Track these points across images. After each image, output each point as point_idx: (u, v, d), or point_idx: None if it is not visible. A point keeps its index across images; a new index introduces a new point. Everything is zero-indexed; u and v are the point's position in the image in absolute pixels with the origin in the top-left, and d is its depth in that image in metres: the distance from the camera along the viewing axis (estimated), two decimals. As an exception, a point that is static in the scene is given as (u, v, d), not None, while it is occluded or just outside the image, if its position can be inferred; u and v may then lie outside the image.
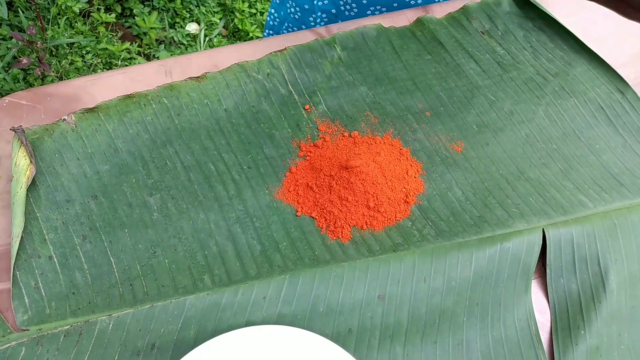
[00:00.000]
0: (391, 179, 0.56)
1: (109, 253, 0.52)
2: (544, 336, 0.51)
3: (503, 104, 0.65)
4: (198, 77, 0.62)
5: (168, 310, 0.48)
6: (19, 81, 1.55)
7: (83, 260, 0.52)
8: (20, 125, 0.56)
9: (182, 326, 0.48)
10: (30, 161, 0.54)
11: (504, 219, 0.55)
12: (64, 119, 0.58)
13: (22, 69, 1.54)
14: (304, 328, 0.47)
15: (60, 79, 1.57)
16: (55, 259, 0.52)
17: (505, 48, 0.69)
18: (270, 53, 0.65)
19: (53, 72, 1.56)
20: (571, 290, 0.53)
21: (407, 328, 0.49)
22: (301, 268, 0.51)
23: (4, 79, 1.52)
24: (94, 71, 1.61)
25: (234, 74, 0.63)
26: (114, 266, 0.52)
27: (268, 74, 0.64)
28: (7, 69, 1.53)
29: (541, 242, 0.54)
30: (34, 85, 1.54)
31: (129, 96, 0.60)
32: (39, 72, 1.49)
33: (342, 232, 0.54)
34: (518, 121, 0.64)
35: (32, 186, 0.54)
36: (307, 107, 0.62)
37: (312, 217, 0.55)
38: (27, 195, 0.54)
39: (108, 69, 1.60)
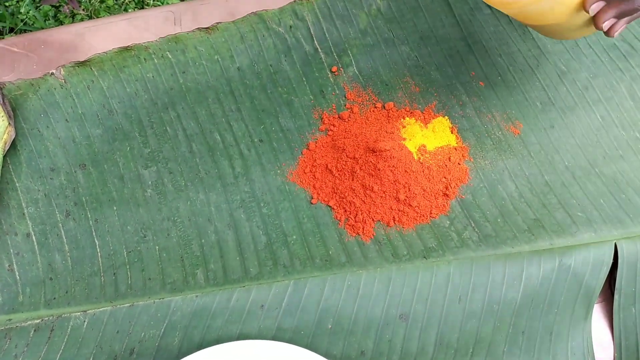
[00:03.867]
0: (429, 165, 0.46)
1: (93, 233, 0.46)
2: (604, 377, 0.42)
3: (576, 76, 0.53)
4: (208, 28, 0.53)
5: (150, 311, 0.42)
6: (49, 19, 1.48)
7: (65, 240, 0.45)
8: (-2, 80, 0.48)
9: (166, 332, 0.41)
10: (9, 123, 0.47)
11: (565, 225, 0.45)
12: (52, 73, 0.51)
13: (53, 6, 1.47)
14: (306, 347, 0.39)
15: (90, 17, 1.49)
16: (33, 237, 0.45)
17: (585, 4, 0.56)
18: (295, 1, 0.54)
19: (83, 10, 1.48)
20: (645, 323, 0.43)
21: (432, 356, 0.41)
22: (310, 271, 0.43)
23: (34, 15, 1.46)
24: (125, 10, 1.52)
25: (250, 25, 0.53)
26: (98, 249, 0.45)
27: (291, 27, 0.54)
28: (38, 5, 1.46)
29: (611, 261, 0.43)
30: (64, 23, 1.48)
31: (127, 49, 0.52)
32: (68, 10, 1.42)
33: (363, 228, 0.45)
34: (593, 99, 0.52)
35: (12, 151, 0.48)
36: (334, 69, 0.52)
37: (329, 207, 0.46)
38: (5, 161, 0.47)
39: (140, 9, 1.51)
